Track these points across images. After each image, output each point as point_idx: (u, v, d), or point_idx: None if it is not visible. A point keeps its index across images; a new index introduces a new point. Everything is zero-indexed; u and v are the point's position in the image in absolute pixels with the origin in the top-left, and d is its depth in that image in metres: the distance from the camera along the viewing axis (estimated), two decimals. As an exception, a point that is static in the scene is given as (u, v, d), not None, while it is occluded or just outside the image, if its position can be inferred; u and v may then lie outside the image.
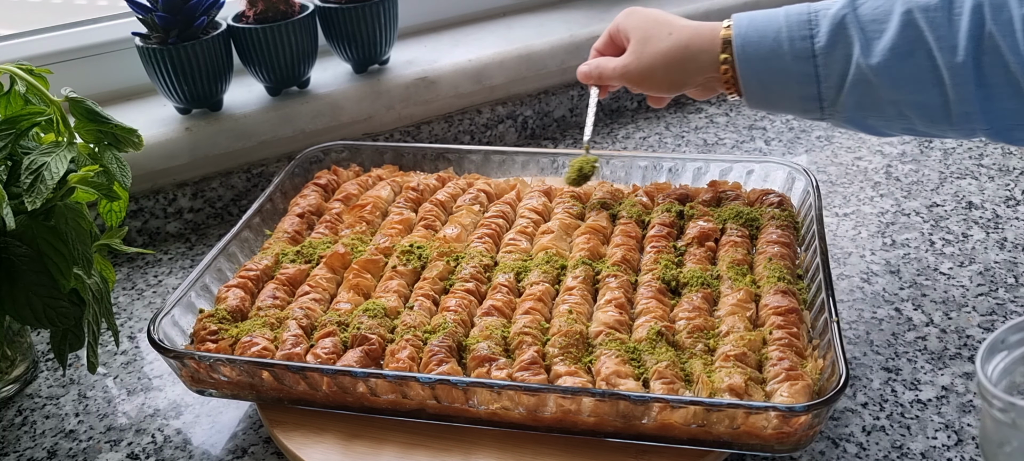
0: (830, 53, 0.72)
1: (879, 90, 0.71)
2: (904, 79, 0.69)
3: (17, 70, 0.72)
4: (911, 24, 0.68)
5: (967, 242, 0.96)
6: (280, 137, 1.11)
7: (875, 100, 0.72)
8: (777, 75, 0.75)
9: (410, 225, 0.92)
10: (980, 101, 0.67)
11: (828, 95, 0.74)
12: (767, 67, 0.75)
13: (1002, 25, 0.64)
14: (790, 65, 0.74)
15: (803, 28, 0.73)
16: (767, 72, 0.76)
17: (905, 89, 0.70)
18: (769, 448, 0.64)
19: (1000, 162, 1.12)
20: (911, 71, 0.69)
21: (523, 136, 1.28)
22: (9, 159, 0.72)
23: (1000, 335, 0.55)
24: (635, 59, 0.84)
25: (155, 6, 1.00)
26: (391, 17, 1.13)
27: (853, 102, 0.73)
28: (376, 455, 0.69)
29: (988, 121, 0.68)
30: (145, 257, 1.04)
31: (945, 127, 0.72)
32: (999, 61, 0.65)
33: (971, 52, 0.65)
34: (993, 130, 0.70)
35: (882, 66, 0.69)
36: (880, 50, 0.69)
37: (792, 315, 0.73)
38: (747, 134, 1.25)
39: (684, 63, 0.80)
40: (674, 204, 0.90)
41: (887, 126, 0.75)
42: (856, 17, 0.70)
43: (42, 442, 0.77)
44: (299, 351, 0.73)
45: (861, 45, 0.70)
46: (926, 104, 0.70)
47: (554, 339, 0.72)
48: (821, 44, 0.72)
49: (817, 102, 0.74)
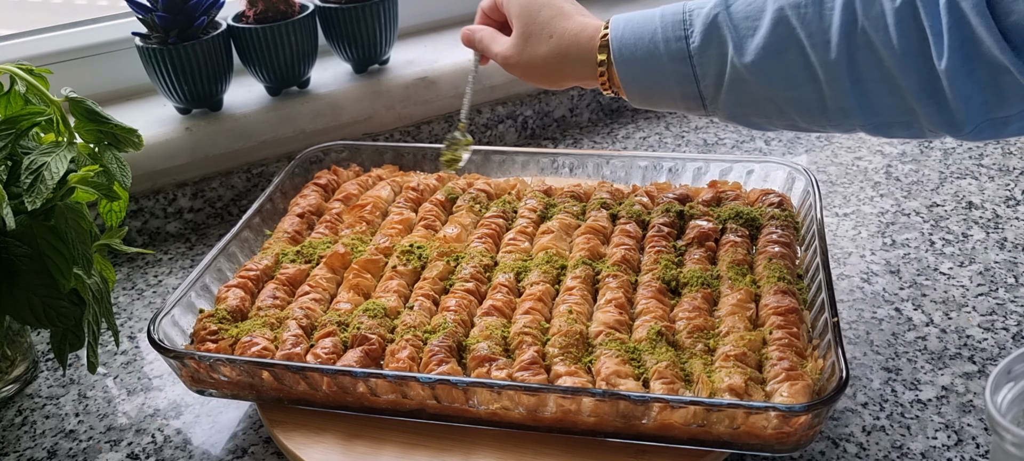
0: (704, 53, 0.71)
1: (755, 88, 0.70)
2: (778, 77, 0.69)
3: (17, 70, 0.72)
4: (783, 21, 0.67)
5: (967, 242, 0.96)
6: (280, 137, 1.11)
7: (753, 98, 0.71)
8: (656, 76, 0.74)
9: (410, 225, 0.92)
10: (856, 97, 0.66)
11: (708, 93, 0.73)
12: (645, 69, 0.75)
13: (873, 20, 0.63)
14: (667, 66, 0.73)
15: (677, 28, 0.72)
16: (645, 74, 0.75)
17: (780, 87, 0.69)
18: (769, 448, 0.64)
19: (1000, 162, 1.12)
20: (785, 69, 0.68)
21: (523, 136, 1.28)
22: (9, 159, 0.72)
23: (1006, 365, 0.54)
24: (516, 54, 0.83)
25: (155, 6, 1.00)
26: (391, 17, 1.13)
27: (732, 100, 0.72)
28: (376, 455, 0.69)
29: (865, 116, 0.68)
30: (145, 257, 1.04)
31: (824, 123, 0.71)
32: (872, 56, 0.64)
33: (844, 48, 0.65)
34: (871, 125, 0.69)
35: (755, 64, 0.69)
36: (753, 48, 0.68)
37: (792, 315, 0.73)
38: (747, 134, 1.25)
39: (562, 69, 0.80)
40: (674, 204, 0.90)
41: (768, 123, 0.74)
42: (728, 15, 0.70)
43: (42, 442, 0.77)
44: (299, 351, 0.73)
45: (734, 44, 0.69)
46: (802, 101, 0.69)
47: (554, 339, 0.72)
48: (696, 44, 0.71)
49: (698, 101, 0.74)
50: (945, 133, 0.66)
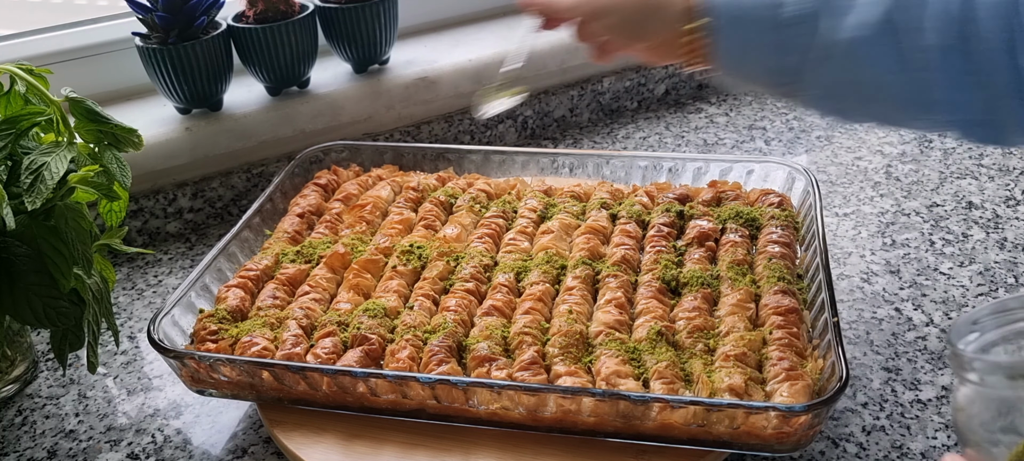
0: (797, 25, 0.68)
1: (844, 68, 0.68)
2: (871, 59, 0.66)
3: (17, 70, 0.72)
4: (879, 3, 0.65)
5: (967, 242, 0.96)
6: (280, 137, 1.11)
7: (842, 78, 0.68)
8: (750, 43, 0.70)
9: (410, 225, 0.92)
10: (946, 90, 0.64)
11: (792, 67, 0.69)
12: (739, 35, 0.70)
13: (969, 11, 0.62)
14: (765, 34, 0.69)
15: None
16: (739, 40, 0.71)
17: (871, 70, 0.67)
18: (769, 448, 0.64)
19: (1000, 162, 1.12)
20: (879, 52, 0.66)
21: (523, 136, 1.28)
22: (9, 159, 0.72)
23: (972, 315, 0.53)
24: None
25: (155, 6, 1.00)
26: (391, 17, 1.13)
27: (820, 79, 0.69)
28: (376, 455, 0.69)
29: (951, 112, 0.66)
30: (145, 257, 1.04)
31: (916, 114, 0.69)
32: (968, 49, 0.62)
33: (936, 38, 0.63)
34: (956, 122, 0.67)
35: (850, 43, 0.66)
36: (849, 26, 0.66)
37: (792, 315, 0.73)
38: (747, 134, 1.25)
39: (653, 12, 0.73)
40: (674, 204, 0.90)
41: (855, 110, 0.72)
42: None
43: (42, 442, 0.77)
44: (299, 351, 0.73)
45: (830, 18, 0.67)
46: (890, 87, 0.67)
47: (554, 339, 0.72)
48: (788, 13, 0.68)
49: (788, 75, 0.70)
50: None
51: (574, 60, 1.26)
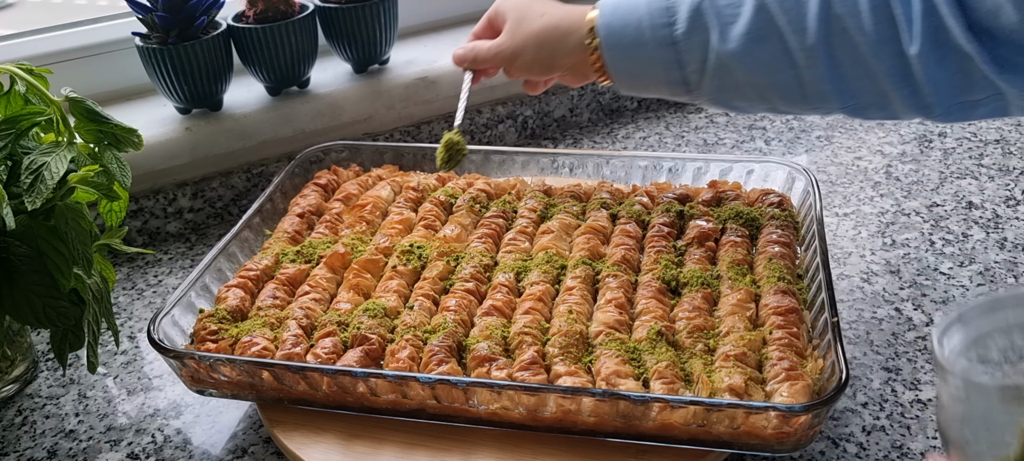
0: (689, 39, 0.73)
1: (737, 74, 0.72)
2: (760, 64, 0.71)
3: (17, 70, 0.72)
4: (763, 8, 0.69)
5: (967, 242, 0.96)
6: (280, 137, 1.11)
7: (735, 83, 0.73)
8: (641, 61, 0.76)
9: (410, 225, 0.92)
10: (833, 81, 0.69)
11: (692, 79, 0.75)
12: (631, 54, 0.77)
13: (848, 6, 0.66)
14: (653, 52, 0.75)
15: (663, 15, 0.74)
16: (631, 59, 0.77)
17: (761, 73, 0.71)
18: (769, 448, 0.64)
19: (1000, 162, 1.12)
20: (765, 55, 0.70)
21: (523, 136, 1.28)
22: (9, 159, 0.72)
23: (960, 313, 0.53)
24: (508, 39, 0.85)
25: (155, 6, 1.00)
26: (391, 17, 1.13)
27: (715, 86, 0.74)
28: (376, 455, 0.69)
29: (842, 99, 0.70)
30: (145, 257, 1.04)
31: (803, 106, 0.73)
32: (848, 42, 0.67)
33: (821, 34, 0.67)
34: (847, 108, 0.71)
35: (738, 52, 0.71)
36: (735, 36, 0.70)
37: (792, 315, 0.73)
38: (747, 134, 1.25)
39: (554, 44, 0.82)
40: (674, 204, 0.90)
41: (750, 106, 0.77)
42: (712, 3, 0.72)
43: (42, 442, 0.77)
44: (299, 351, 0.73)
45: (717, 31, 0.71)
46: (782, 85, 0.71)
47: (554, 339, 0.72)
48: (680, 31, 0.73)
49: (683, 86, 0.76)
50: (917, 115, 0.69)
51: (574, 60, 1.26)
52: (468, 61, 0.90)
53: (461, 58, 0.91)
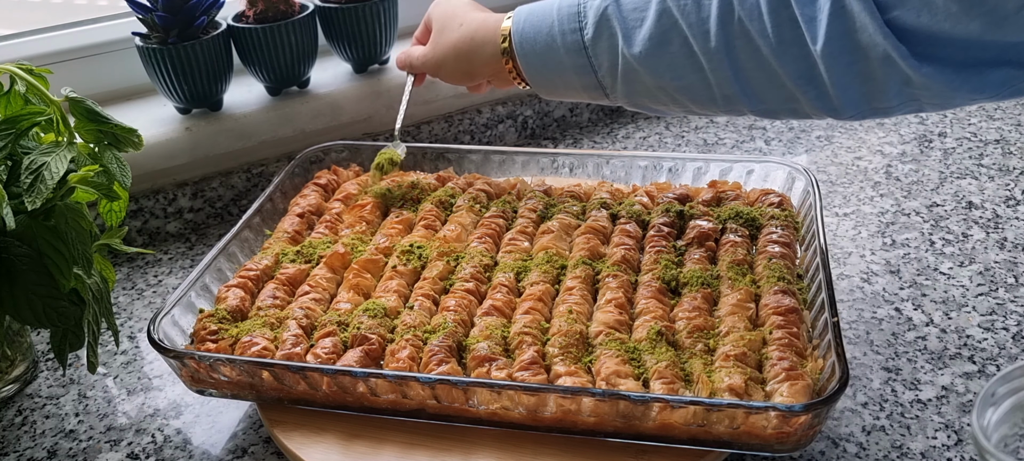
0: (597, 45, 0.73)
1: (645, 78, 0.72)
2: (665, 67, 0.71)
3: (17, 70, 0.72)
4: (666, 13, 0.69)
5: (967, 242, 0.96)
6: (280, 137, 1.11)
7: (645, 87, 0.73)
8: (556, 68, 0.77)
9: (410, 225, 0.92)
10: (739, 84, 0.68)
11: (607, 83, 0.75)
12: (545, 61, 0.77)
13: (748, 9, 0.65)
14: (565, 58, 0.75)
15: (573, 21, 0.74)
16: (546, 66, 0.77)
17: (668, 77, 0.71)
18: (769, 448, 0.64)
19: (1000, 162, 1.12)
20: (670, 60, 0.70)
21: (523, 136, 1.28)
22: (9, 159, 0.72)
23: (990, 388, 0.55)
24: (432, 49, 0.87)
25: (155, 6, 1.00)
26: (391, 17, 1.13)
27: (627, 89, 0.74)
28: (376, 455, 0.69)
29: (751, 102, 0.70)
30: (145, 257, 1.04)
31: (714, 109, 0.73)
32: (750, 45, 0.66)
33: (723, 38, 0.67)
34: (757, 111, 0.71)
35: (643, 56, 0.71)
36: (640, 40, 0.70)
37: (792, 315, 0.73)
38: (747, 134, 1.25)
39: (470, 54, 0.83)
40: (674, 204, 0.90)
41: (664, 109, 0.77)
42: (618, 7, 0.71)
43: (42, 442, 0.77)
44: (299, 351, 0.73)
45: (623, 36, 0.71)
46: (690, 89, 0.71)
47: (554, 339, 0.72)
48: (589, 36, 0.73)
49: (600, 90, 0.76)
50: (827, 116, 0.69)
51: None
52: (404, 66, 0.94)
53: (400, 63, 0.95)
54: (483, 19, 0.82)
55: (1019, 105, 1.28)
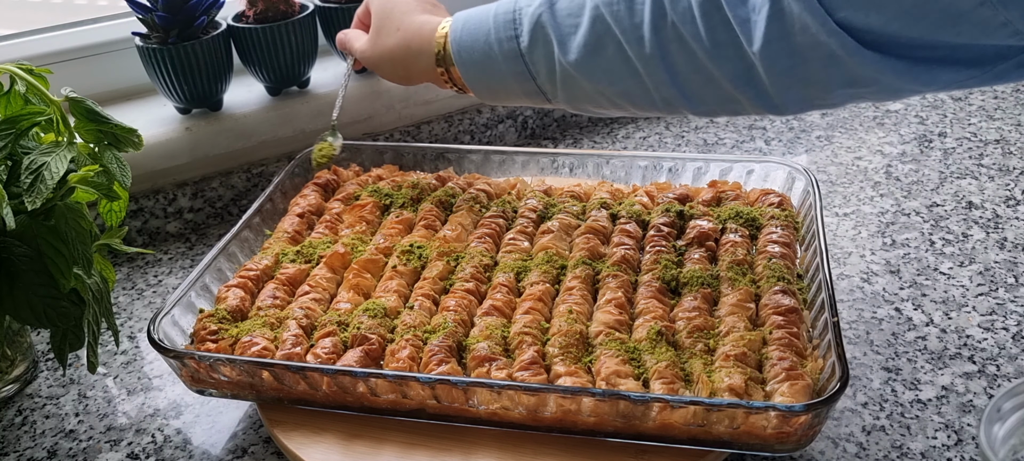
0: (533, 52, 0.73)
1: (583, 84, 0.72)
2: (601, 73, 0.70)
3: (17, 70, 0.72)
4: (599, 19, 0.68)
5: (967, 242, 0.96)
6: (280, 137, 1.11)
7: (584, 92, 0.73)
8: (495, 74, 0.76)
9: (410, 225, 0.92)
10: (676, 87, 0.68)
11: (546, 89, 0.75)
12: (484, 69, 0.76)
13: (680, 13, 0.64)
14: (503, 65, 0.75)
15: (508, 28, 0.73)
16: (484, 73, 0.77)
17: (604, 82, 0.71)
18: (769, 448, 0.64)
19: (1000, 162, 1.12)
20: (606, 65, 0.69)
21: (523, 136, 1.28)
22: (9, 159, 0.72)
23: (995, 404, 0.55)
24: (369, 48, 0.85)
25: (155, 6, 1.00)
26: (391, 17, 1.13)
27: (567, 95, 0.74)
28: (376, 455, 0.69)
29: (691, 105, 0.69)
30: (145, 257, 1.04)
31: (655, 110, 0.73)
32: (684, 49, 0.65)
33: (656, 43, 0.66)
34: (698, 112, 0.71)
35: (578, 62, 0.70)
36: (575, 47, 0.70)
37: (792, 315, 0.73)
38: (747, 134, 1.25)
39: (406, 61, 0.82)
40: (674, 204, 0.90)
41: (606, 112, 0.77)
42: (552, 14, 0.71)
43: (42, 442, 0.77)
44: (299, 351, 0.73)
45: (558, 43, 0.71)
46: (629, 93, 0.71)
47: (554, 339, 0.72)
48: (525, 43, 0.73)
49: (541, 96, 0.76)
50: (770, 114, 0.69)
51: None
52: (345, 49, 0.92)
53: (340, 43, 0.92)
54: (419, 26, 0.81)
55: (1020, 105, 1.28)
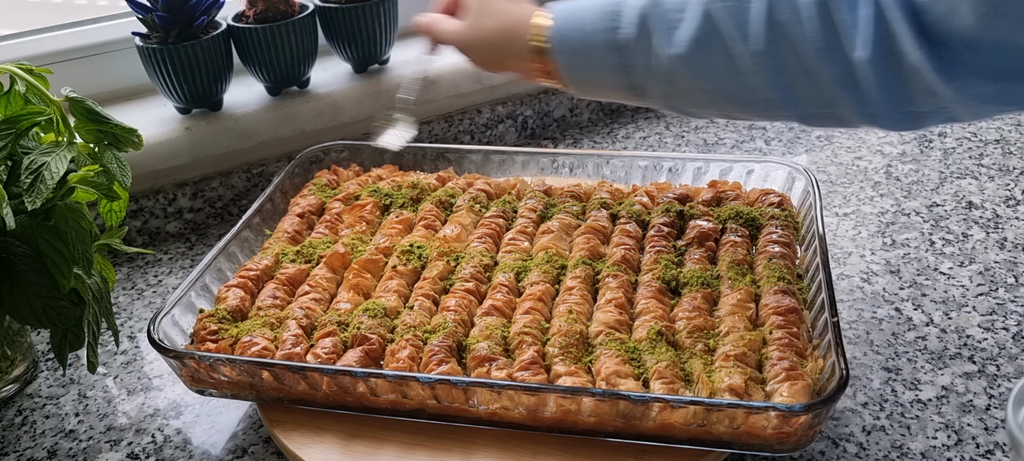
0: (634, 44, 0.72)
1: (684, 80, 0.72)
2: (704, 69, 0.70)
3: (17, 70, 0.72)
4: (707, 14, 0.68)
5: (967, 242, 0.96)
6: (280, 137, 1.11)
7: (682, 89, 0.73)
8: (589, 65, 0.76)
9: (410, 225, 0.92)
10: (779, 89, 0.68)
11: (639, 84, 0.74)
12: (579, 58, 0.76)
13: (789, 13, 0.65)
14: (599, 56, 0.75)
15: (608, 20, 0.73)
16: (580, 63, 0.77)
17: (706, 79, 0.71)
18: (769, 448, 0.64)
19: (1000, 162, 1.12)
20: (710, 61, 0.69)
21: (523, 136, 1.28)
22: (9, 159, 0.72)
23: None
24: (467, 30, 0.84)
25: (155, 6, 1.00)
26: (391, 17, 1.13)
27: (664, 91, 0.74)
28: (376, 455, 0.69)
29: (790, 107, 0.69)
30: (145, 257, 1.04)
31: (753, 113, 0.73)
32: (791, 49, 0.66)
33: (764, 42, 0.66)
34: (797, 116, 0.71)
35: (682, 57, 0.70)
36: (679, 41, 0.70)
37: (792, 315, 0.73)
38: (747, 134, 1.25)
39: (504, 46, 0.81)
40: (674, 204, 0.90)
41: (701, 112, 0.77)
42: (658, 7, 0.71)
43: (42, 442, 0.77)
44: (299, 351, 0.73)
45: (663, 36, 0.71)
46: (729, 92, 0.71)
47: (554, 339, 0.72)
48: (624, 35, 0.72)
49: (632, 90, 0.76)
50: (868, 124, 0.68)
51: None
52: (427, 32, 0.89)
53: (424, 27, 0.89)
54: (520, 13, 0.81)
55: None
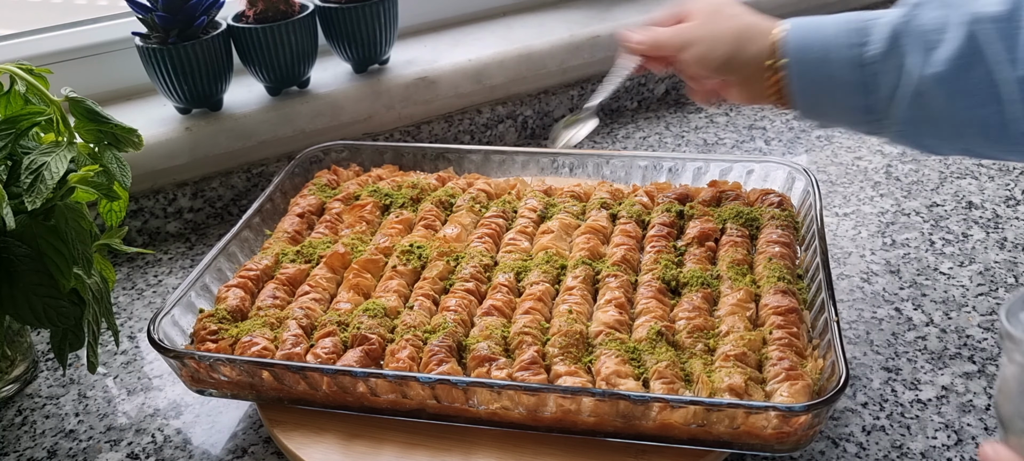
0: (882, 62, 0.69)
1: (935, 103, 0.68)
2: (963, 94, 0.66)
3: (17, 70, 0.72)
4: (970, 36, 0.65)
5: (967, 242, 0.96)
6: (280, 137, 1.11)
7: (931, 114, 0.69)
8: (825, 82, 0.73)
9: (410, 225, 0.92)
10: None
11: (879, 107, 0.71)
12: (815, 73, 0.73)
13: None
14: (838, 72, 0.71)
15: (853, 35, 0.70)
16: (815, 79, 0.73)
17: (961, 104, 0.67)
18: (769, 448, 0.64)
19: (1000, 162, 1.12)
20: (971, 85, 0.66)
21: (523, 136, 1.28)
22: (9, 159, 0.72)
23: None
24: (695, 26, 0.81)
25: (155, 6, 1.00)
26: (391, 17, 1.13)
27: (908, 116, 0.70)
28: (376, 455, 0.69)
29: None
30: (145, 257, 1.04)
31: (1003, 148, 0.69)
32: None
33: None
34: None
35: (940, 78, 0.66)
36: (939, 60, 0.66)
37: (792, 315, 0.73)
38: (747, 134, 1.25)
39: (738, 45, 0.77)
40: (674, 204, 0.90)
41: (942, 144, 0.72)
42: (913, 26, 0.68)
43: (42, 442, 0.77)
44: (299, 351, 0.73)
45: (919, 54, 0.67)
46: (983, 121, 0.67)
47: (554, 339, 0.72)
48: (872, 52, 0.69)
49: (867, 113, 0.72)
50: None
51: (574, 60, 1.26)
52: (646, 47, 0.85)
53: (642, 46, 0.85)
54: (756, 21, 0.78)
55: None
